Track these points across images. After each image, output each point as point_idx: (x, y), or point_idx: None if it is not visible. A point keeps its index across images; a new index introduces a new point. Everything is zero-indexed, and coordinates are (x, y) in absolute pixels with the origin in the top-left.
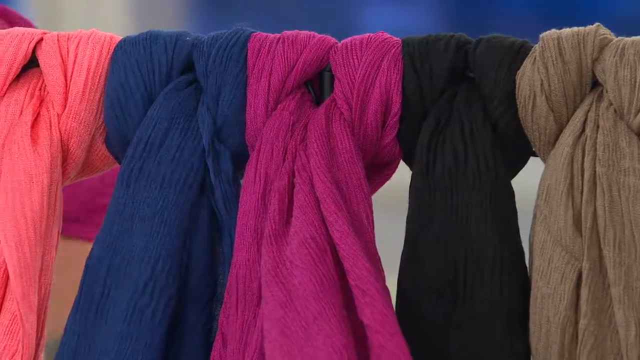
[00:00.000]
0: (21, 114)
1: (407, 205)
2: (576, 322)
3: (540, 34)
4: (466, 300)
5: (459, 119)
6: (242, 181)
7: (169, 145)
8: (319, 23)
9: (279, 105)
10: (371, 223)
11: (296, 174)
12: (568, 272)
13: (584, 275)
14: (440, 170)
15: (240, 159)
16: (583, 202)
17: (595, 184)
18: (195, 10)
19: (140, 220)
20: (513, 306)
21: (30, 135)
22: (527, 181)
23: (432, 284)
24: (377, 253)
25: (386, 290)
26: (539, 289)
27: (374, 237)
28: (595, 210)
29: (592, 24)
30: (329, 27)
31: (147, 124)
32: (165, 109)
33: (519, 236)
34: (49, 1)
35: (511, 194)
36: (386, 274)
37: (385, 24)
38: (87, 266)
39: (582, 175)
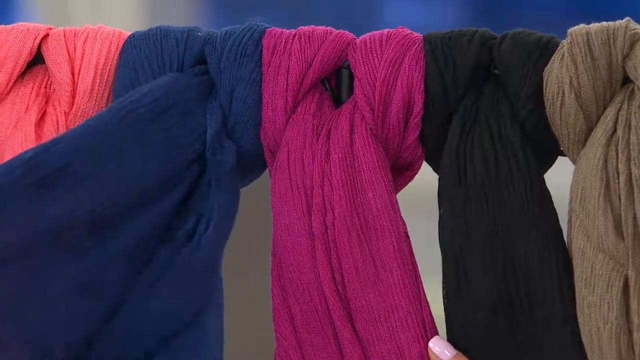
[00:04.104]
0: (26, 112)
1: (429, 205)
2: (630, 332)
3: (569, 29)
4: (527, 322)
5: (486, 120)
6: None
7: (165, 124)
8: (336, 18)
9: (299, 108)
10: (399, 250)
11: (326, 200)
12: (614, 278)
13: (632, 285)
14: (472, 179)
15: (252, 157)
16: (622, 206)
17: (632, 186)
18: (207, 8)
19: (125, 154)
20: (572, 318)
21: (36, 134)
22: (555, 181)
23: (483, 301)
24: (400, 280)
25: None
26: (584, 297)
27: (404, 264)
28: (634, 214)
29: (622, 19)
30: (347, 22)
31: (153, 89)
32: (174, 87)
33: (562, 238)
34: (56, 1)
35: (547, 195)
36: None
37: (406, 19)
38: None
39: (618, 178)
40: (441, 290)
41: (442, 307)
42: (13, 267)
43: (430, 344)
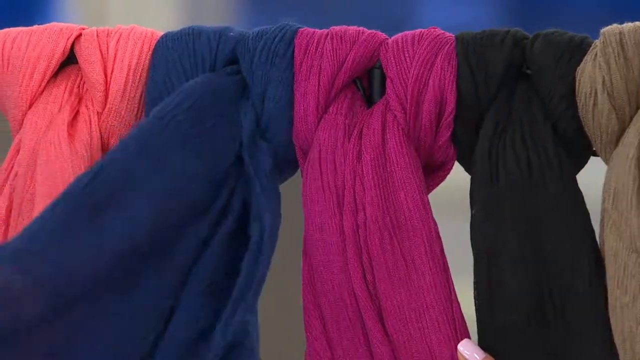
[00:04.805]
0: (59, 111)
1: (461, 205)
2: None
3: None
4: (559, 323)
5: (518, 120)
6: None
7: (205, 125)
8: (370, 18)
9: (331, 109)
10: (430, 251)
11: (357, 200)
12: None
13: None
14: (504, 180)
15: (285, 157)
16: None
17: None
18: (242, 7)
19: (161, 176)
20: (604, 319)
21: (69, 134)
22: (588, 181)
23: (515, 302)
24: (432, 282)
25: None
26: (617, 298)
27: (435, 265)
28: None
29: None
30: (380, 22)
31: (186, 96)
32: (209, 88)
33: (595, 239)
34: (93, 1)
35: (579, 195)
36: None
37: (439, 18)
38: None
39: None
40: (472, 291)
41: (473, 307)
42: (77, 306)
43: (460, 347)
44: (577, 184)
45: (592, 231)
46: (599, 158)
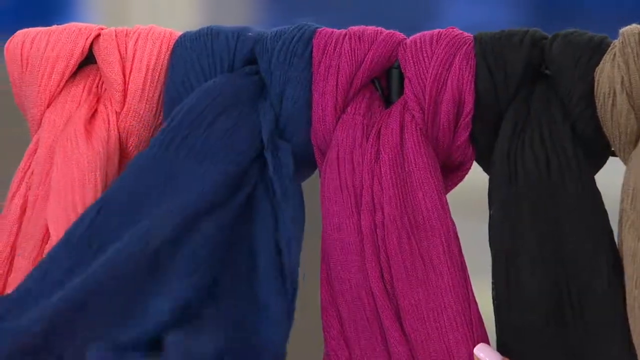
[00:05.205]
0: (77, 110)
1: (479, 205)
2: None
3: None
4: (577, 323)
5: (537, 121)
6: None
7: (222, 125)
8: (387, 17)
9: (349, 109)
10: (448, 251)
11: (375, 200)
12: None
13: None
14: (523, 180)
15: (303, 157)
16: None
17: None
18: (261, 8)
19: (172, 189)
20: (622, 318)
21: (86, 130)
22: (606, 181)
23: (533, 302)
24: (450, 285)
25: None
26: (636, 298)
27: (453, 264)
28: None
29: None
30: (398, 22)
31: (204, 96)
32: (227, 89)
33: (613, 239)
34: (115, 2)
35: (598, 195)
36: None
37: (457, 18)
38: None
39: None
40: (490, 291)
41: (491, 307)
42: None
43: (476, 351)
44: (595, 184)
45: (611, 231)
46: (617, 158)
